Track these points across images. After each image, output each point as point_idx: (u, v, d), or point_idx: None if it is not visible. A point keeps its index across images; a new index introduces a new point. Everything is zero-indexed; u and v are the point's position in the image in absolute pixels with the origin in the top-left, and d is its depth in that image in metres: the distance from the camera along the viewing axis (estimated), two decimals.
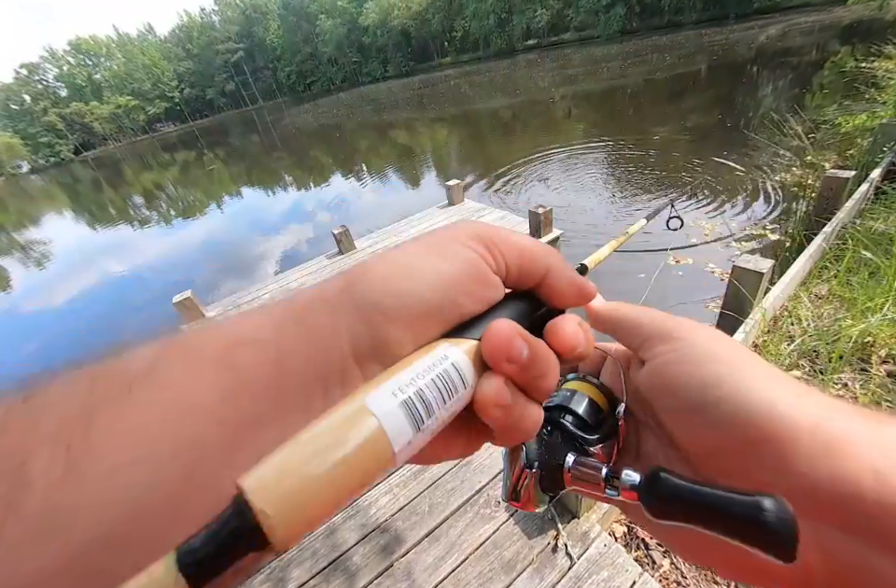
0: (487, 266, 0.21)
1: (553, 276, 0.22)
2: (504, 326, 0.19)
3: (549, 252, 0.23)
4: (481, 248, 0.21)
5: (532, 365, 0.19)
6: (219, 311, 3.87)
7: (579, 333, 0.21)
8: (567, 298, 0.23)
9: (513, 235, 0.22)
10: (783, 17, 28.36)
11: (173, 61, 74.06)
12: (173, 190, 18.46)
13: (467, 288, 0.20)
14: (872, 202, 3.83)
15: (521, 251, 0.22)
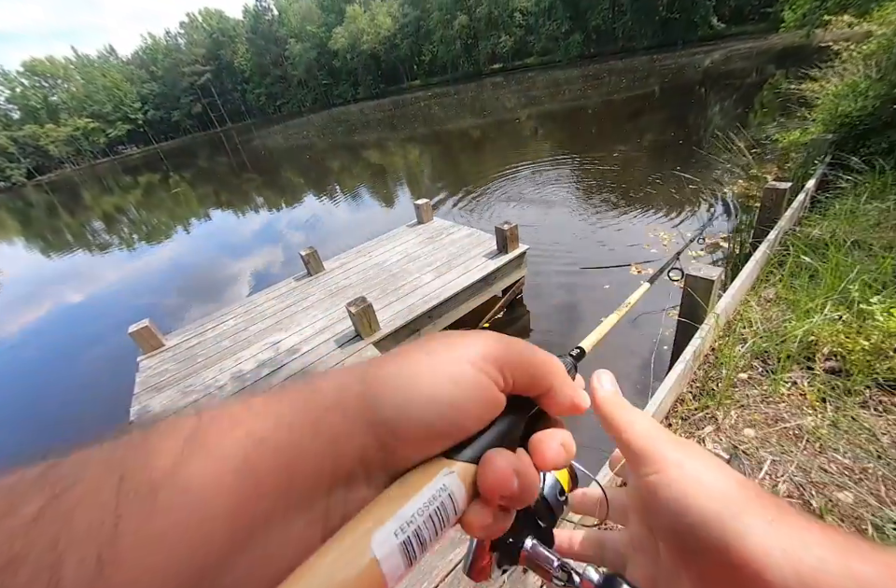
0: (497, 388, 0.22)
1: (554, 393, 0.24)
2: (500, 465, 0.21)
3: (554, 370, 0.25)
4: (494, 371, 0.22)
5: (521, 493, 0.21)
6: (181, 339, 3.71)
7: (560, 453, 0.23)
8: (562, 411, 0.25)
9: (525, 353, 0.24)
10: (725, 43, 30.92)
11: (136, 83, 73.02)
12: (135, 214, 17.88)
13: (474, 413, 0.22)
14: (808, 210, 4.14)
15: (530, 370, 0.24)
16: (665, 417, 2.29)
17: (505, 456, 0.21)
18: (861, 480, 1.65)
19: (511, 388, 0.23)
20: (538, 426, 0.26)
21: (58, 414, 4.54)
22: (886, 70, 4.73)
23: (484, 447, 0.22)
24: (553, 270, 5.02)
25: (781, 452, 1.86)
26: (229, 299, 6.20)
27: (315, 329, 3.39)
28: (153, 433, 0.18)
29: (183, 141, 70.05)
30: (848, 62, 5.83)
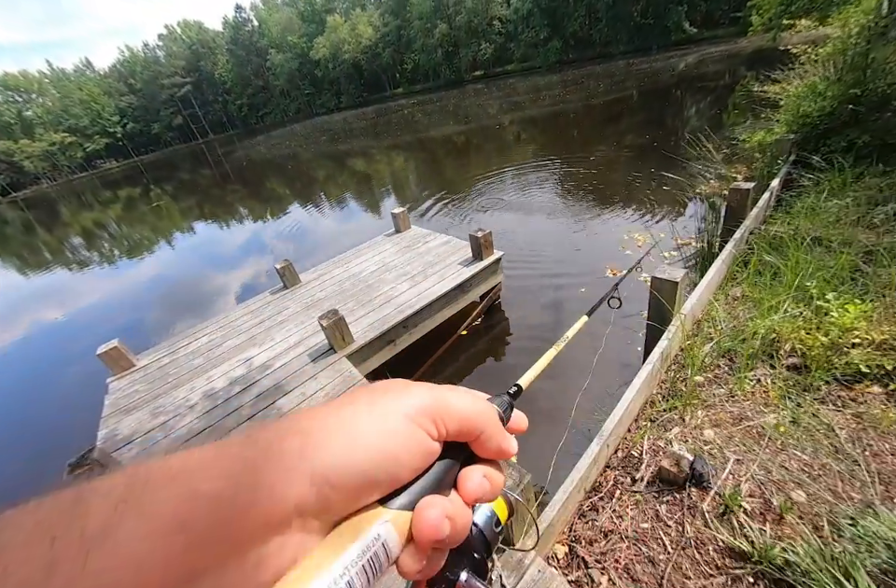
0: (430, 438, 0.24)
1: (484, 440, 0.26)
2: (431, 514, 0.22)
3: (485, 419, 0.27)
4: (428, 423, 0.24)
5: (452, 536, 0.22)
6: (153, 358, 3.63)
7: (482, 485, 0.25)
8: (490, 456, 0.27)
9: (459, 404, 0.26)
10: (697, 47, 31.77)
11: (114, 96, 72.13)
12: (116, 229, 17.58)
13: (409, 464, 0.23)
14: (774, 208, 4.24)
15: (462, 420, 0.25)
16: (634, 420, 2.30)
17: (436, 505, 0.23)
18: (820, 476, 1.68)
19: (445, 437, 0.25)
20: (471, 463, 0.27)
21: (21, 445, 4.38)
22: (842, 71, 4.90)
23: (419, 494, 0.23)
24: (530, 274, 5.06)
25: (745, 451, 1.88)
26: (211, 313, 6.11)
27: (288, 343, 3.35)
28: (86, 492, 0.18)
29: (164, 154, 69.29)
30: (808, 64, 6.03)
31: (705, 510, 1.69)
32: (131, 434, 2.77)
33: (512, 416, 0.32)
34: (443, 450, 0.25)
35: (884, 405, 1.86)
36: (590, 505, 1.94)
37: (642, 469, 1.98)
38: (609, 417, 2.05)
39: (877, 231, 3.12)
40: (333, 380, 2.80)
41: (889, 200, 3.42)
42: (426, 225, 7.52)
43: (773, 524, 1.56)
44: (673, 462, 1.84)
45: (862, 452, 1.70)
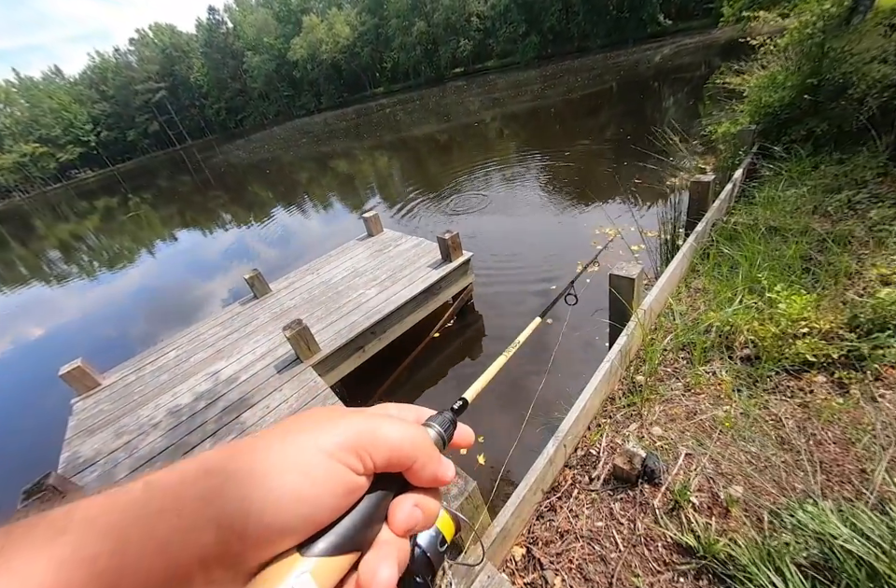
0: (355, 475, 0.22)
1: (417, 469, 0.25)
2: (387, 576, 0.21)
3: (415, 447, 0.25)
4: (350, 458, 0.22)
5: (395, 578, 0.21)
6: (119, 376, 3.55)
7: (412, 515, 0.24)
8: (425, 484, 0.26)
9: (387, 434, 0.24)
10: (673, 39, 32.07)
11: (86, 103, 70.29)
12: (94, 241, 17.22)
13: (328, 506, 0.21)
14: (737, 199, 4.30)
15: (390, 451, 0.23)
16: (594, 417, 2.32)
17: (385, 566, 0.21)
18: (766, 468, 1.70)
19: (372, 470, 0.23)
20: (406, 490, 0.25)
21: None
22: (800, 62, 4.97)
23: (343, 536, 0.21)
24: (503, 273, 5.06)
25: (697, 445, 1.90)
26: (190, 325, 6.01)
27: (255, 355, 3.30)
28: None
29: (141, 161, 67.88)
30: (769, 55, 6.11)
31: (656, 506, 1.70)
32: (93, 456, 2.71)
33: (457, 432, 0.31)
34: (374, 481, 0.23)
35: (828, 394, 1.89)
36: (548, 505, 1.95)
37: (599, 468, 1.99)
38: (565, 417, 2.05)
39: (831, 219, 3.18)
40: (298, 391, 2.77)
41: (843, 188, 3.49)
42: (407, 225, 7.50)
43: (719, 518, 1.58)
44: (626, 460, 1.85)
45: (807, 441, 1.73)
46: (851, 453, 1.63)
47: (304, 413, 0.25)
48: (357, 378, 3.51)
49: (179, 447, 2.58)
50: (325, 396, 2.67)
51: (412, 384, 3.77)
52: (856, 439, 1.65)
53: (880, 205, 3.12)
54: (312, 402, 2.62)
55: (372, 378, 3.71)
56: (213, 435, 2.61)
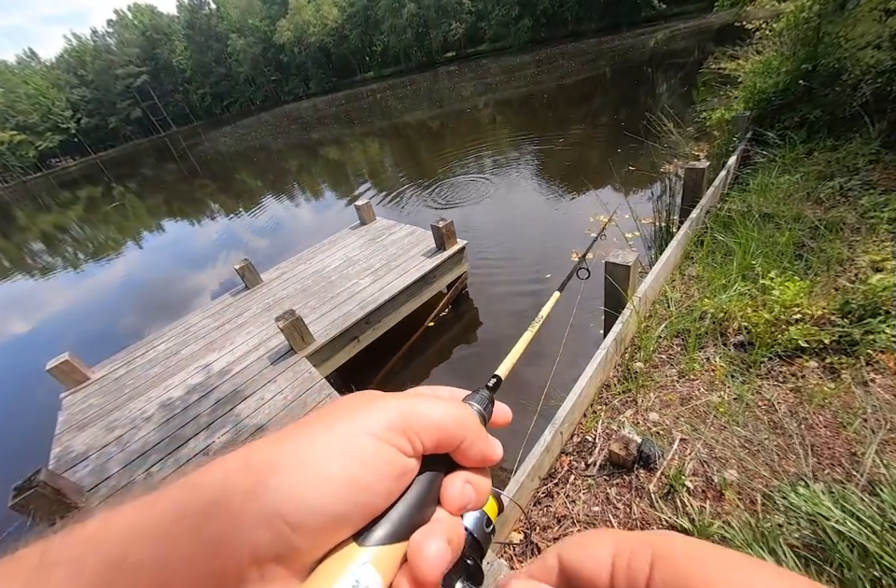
0: (404, 455, 0.21)
1: (465, 448, 0.24)
2: (434, 551, 0.19)
3: (462, 426, 0.24)
4: (399, 439, 0.21)
5: (454, 556, 0.21)
6: (108, 370, 3.49)
7: (465, 493, 0.23)
8: (474, 465, 0.25)
9: (431, 414, 0.23)
10: (667, 23, 31.56)
11: (64, 89, 67.45)
12: (78, 231, 16.79)
13: (382, 489, 0.20)
14: (731, 186, 4.29)
15: (437, 431, 0.23)
16: (590, 404, 2.34)
17: (432, 536, 0.20)
18: (759, 451, 1.73)
19: (421, 451, 0.22)
20: (454, 471, 0.25)
21: None
22: (795, 46, 4.92)
23: (399, 523, 0.20)
24: (497, 261, 5.04)
25: (691, 430, 1.92)
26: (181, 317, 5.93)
27: (248, 346, 3.26)
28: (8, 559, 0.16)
29: (124, 149, 65.86)
30: (764, 39, 6.04)
31: (651, 490, 1.73)
32: (85, 451, 2.67)
33: (494, 410, 0.30)
34: (422, 464, 0.23)
35: (820, 379, 1.92)
36: (545, 491, 1.97)
37: (595, 454, 2.01)
38: (562, 404, 2.06)
39: (823, 206, 3.19)
40: (292, 382, 2.74)
41: (835, 174, 3.49)
42: (399, 213, 7.41)
43: (713, 501, 1.60)
44: (622, 445, 1.87)
45: (798, 425, 1.76)
46: (842, 436, 1.66)
47: (339, 401, 0.24)
48: (352, 368, 3.50)
49: (173, 440, 2.55)
50: (320, 387, 2.65)
51: (407, 373, 3.77)
52: (847, 422, 1.68)
53: (871, 192, 3.13)
54: (307, 394, 2.60)
55: (368, 368, 3.70)
56: (207, 428, 2.59)
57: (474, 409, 0.28)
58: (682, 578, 0.16)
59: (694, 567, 0.16)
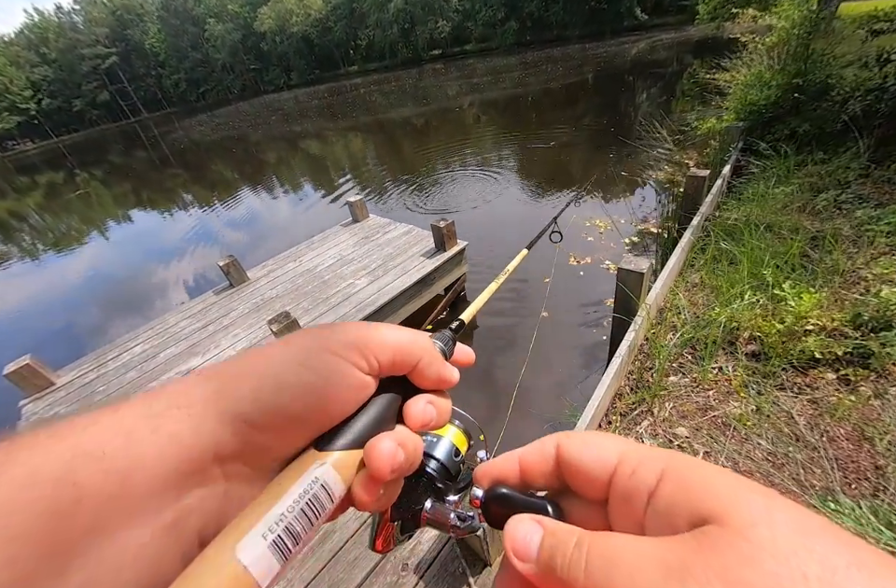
0: (359, 371, 0.22)
1: (421, 368, 0.25)
2: (385, 447, 0.21)
3: (418, 346, 0.25)
4: (354, 355, 0.22)
5: (407, 464, 0.22)
6: (76, 374, 3.19)
7: (427, 411, 0.24)
8: (430, 385, 0.26)
9: (387, 335, 0.24)
10: (649, 33, 32.42)
11: (23, 67, 63.11)
12: (38, 220, 15.69)
13: (336, 398, 0.21)
14: (725, 195, 4.37)
15: (393, 350, 0.23)
16: (605, 415, 2.28)
17: (385, 436, 0.22)
18: (784, 465, 1.71)
19: (378, 370, 0.23)
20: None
21: None
22: (785, 61, 5.06)
23: (357, 432, 0.22)
24: (491, 265, 4.96)
25: (712, 442, 1.89)
26: (153, 315, 5.55)
27: (235, 350, 3.05)
28: None
29: (90, 134, 62.10)
30: (755, 53, 6.21)
31: None
32: None
33: (456, 349, 0.30)
34: (381, 386, 0.24)
35: (837, 390, 1.92)
36: None
37: None
38: (580, 417, 1.99)
39: (820, 218, 3.26)
40: None
41: (828, 187, 3.59)
42: (387, 211, 7.23)
43: None
44: None
45: (820, 438, 1.75)
46: (864, 449, 1.66)
47: (298, 330, 0.24)
48: None
49: None
50: None
51: None
52: (870, 436, 1.67)
53: (865, 206, 3.23)
54: None
55: None
56: None
57: (436, 344, 0.28)
58: (692, 499, 0.15)
59: (706, 488, 0.15)
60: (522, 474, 0.21)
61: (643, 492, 0.16)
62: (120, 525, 0.16)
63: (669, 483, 0.16)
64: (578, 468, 0.19)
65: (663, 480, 0.16)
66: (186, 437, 0.18)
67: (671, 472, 0.16)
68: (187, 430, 0.18)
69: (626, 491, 0.17)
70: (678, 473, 0.16)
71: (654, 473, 0.17)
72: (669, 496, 0.16)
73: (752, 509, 0.14)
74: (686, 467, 0.17)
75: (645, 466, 0.17)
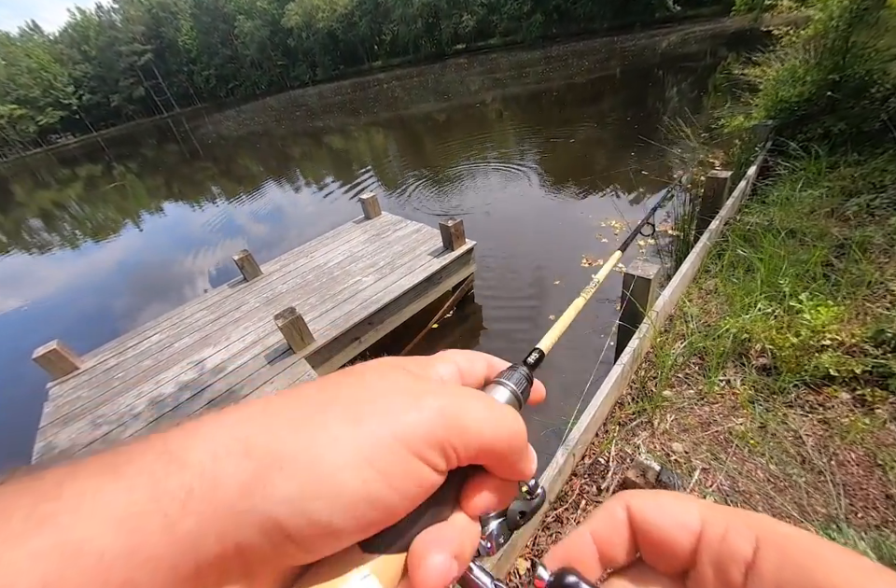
0: (435, 472, 0.18)
1: (504, 466, 0.21)
2: (437, 565, 0.17)
3: (510, 446, 0.20)
4: (435, 456, 0.18)
5: (461, 571, 0.18)
6: (98, 360, 3.34)
7: (489, 501, 0.20)
8: (505, 477, 0.21)
9: (479, 425, 0.19)
10: (680, 26, 31.19)
11: (66, 64, 65.95)
12: (77, 209, 16.49)
13: (399, 507, 0.17)
14: (749, 197, 4.17)
15: (482, 447, 0.19)
16: (602, 424, 2.23)
17: (437, 547, 0.17)
18: (786, 488, 1.63)
19: (455, 465, 0.19)
20: None
21: None
22: (822, 56, 4.77)
23: (411, 533, 0.18)
24: (504, 265, 4.91)
25: (712, 459, 1.82)
26: (179, 304, 5.77)
27: (245, 343, 3.12)
28: None
29: (126, 128, 64.75)
30: (788, 46, 5.88)
31: None
32: (69, 447, 2.55)
33: (534, 387, 0.27)
34: None
35: (851, 411, 1.82)
36: (554, 516, 1.87)
37: (608, 478, 1.91)
38: (575, 424, 1.96)
39: (850, 224, 3.08)
40: (291, 384, 2.62)
41: (861, 191, 3.38)
42: (401, 206, 7.25)
43: None
44: (639, 473, 1.76)
45: (828, 461, 1.66)
46: (875, 476, 1.56)
47: (368, 373, 0.20)
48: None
49: None
50: None
51: None
52: (882, 461, 1.58)
53: None
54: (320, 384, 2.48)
55: None
56: None
57: (509, 389, 0.24)
58: (807, 577, 0.13)
59: (821, 566, 0.14)
60: (601, 554, 0.18)
61: (739, 562, 0.15)
62: None
63: (771, 553, 0.15)
64: (658, 535, 0.17)
65: (760, 548, 0.15)
66: (207, 539, 0.14)
67: (767, 540, 0.15)
68: (209, 531, 0.14)
69: (719, 560, 0.15)
70: (775, 542, 0.15)
71: (748, 540, 0.15)
72: (776, 570, 0.14)
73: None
74: (782, 535, 0.15)
75: (735, 531, 0.16)
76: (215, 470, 0.15)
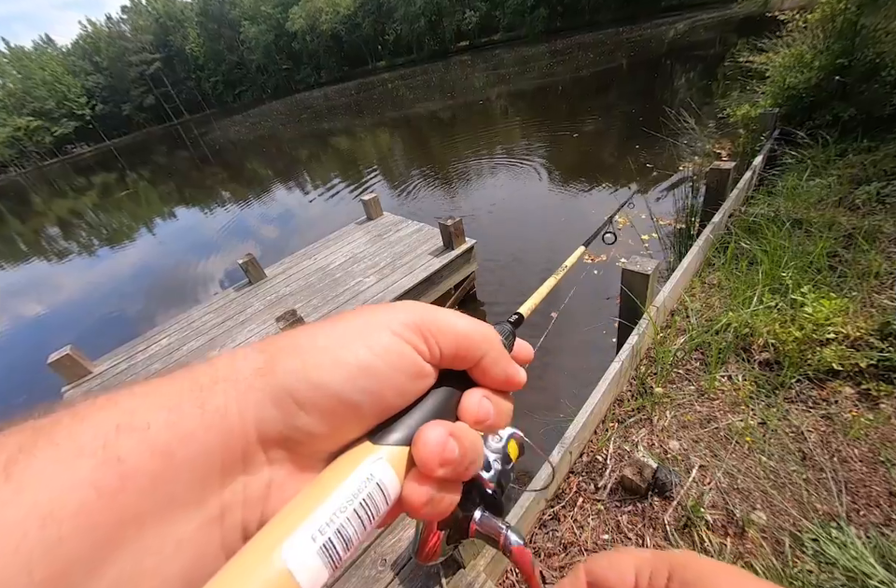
0: (419, 356, 0.20)
1: (486, 364, 0.22)
2: (434, 432, 0.19)
3: (486, 338, 0.22)
4: (415, 338, 0.20)
5: (463, 460, 0.19)
6: (110, 364, 3.44)
7: (484, 406, 0.22)
8: (496, 385, 0.23)
9: (452, 321, 0.22)
10: (688, 13, 30.46)
11: (79, 75, 67.71)
12: (93, 217, 16.94)
13: (394, 383, 0.19)
14: (755, 188, 4.08)
15: (458, 339, 0.21)
16: (601, 421, 2.22)
17: (439, 423, 0.20)
18: (786, 485, 1.60)
19: (439, 360, 0.21)
20: None
21: None
22: (829, 40, 4.62)
23: (415, 426, 0.20)
24: (506, 258, 4.89)
25: (711, 455, 1.80)
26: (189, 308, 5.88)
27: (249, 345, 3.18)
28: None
29: (138, 136, 66.15)
30: (796, 31, 5.70)
31: (666, 522, 1.61)
32: None
33: (515, 345, 0.28)
34: (440, 379, 0.22)
35: (854, 406, 1.77)
36: (551, 514, 1.87)
37: (606, 476, 1.89)
38: (572, 422, 1.94)
39: (859, 213, 2.99)
40: None
41: (871, 178, 3.27)
42: (405, 206, 7.27)
43: (735, 538, 1.48)
44: (636, 470, 1.75)
45: (830, 458, 1.62)
46: (879, 473, 1.52)
47: (357, 307, 0.23)
48: None
49: None
50: None
51: None
52: (885, 458, 1.54)
53: None
54: None
55: None
56: None
57: (496, 329, 0.25)
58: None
59: (704, 580, 0.18)
60: None
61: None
62: (163, 513, 0.15)
63: (675, 584, 0.18)
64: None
65: (671, 580, 0.18)
66: (231, 413, 0.17)
67: (676, 573, 0.18)
68: (233, 405, 0.17)
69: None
70: (680, 573, 0.18)
71: (664, 575, 0.18)
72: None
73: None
74: (687, 566, 0.19)
75: (657, 571, 0.19)
76: (236, 364, 0.18)
